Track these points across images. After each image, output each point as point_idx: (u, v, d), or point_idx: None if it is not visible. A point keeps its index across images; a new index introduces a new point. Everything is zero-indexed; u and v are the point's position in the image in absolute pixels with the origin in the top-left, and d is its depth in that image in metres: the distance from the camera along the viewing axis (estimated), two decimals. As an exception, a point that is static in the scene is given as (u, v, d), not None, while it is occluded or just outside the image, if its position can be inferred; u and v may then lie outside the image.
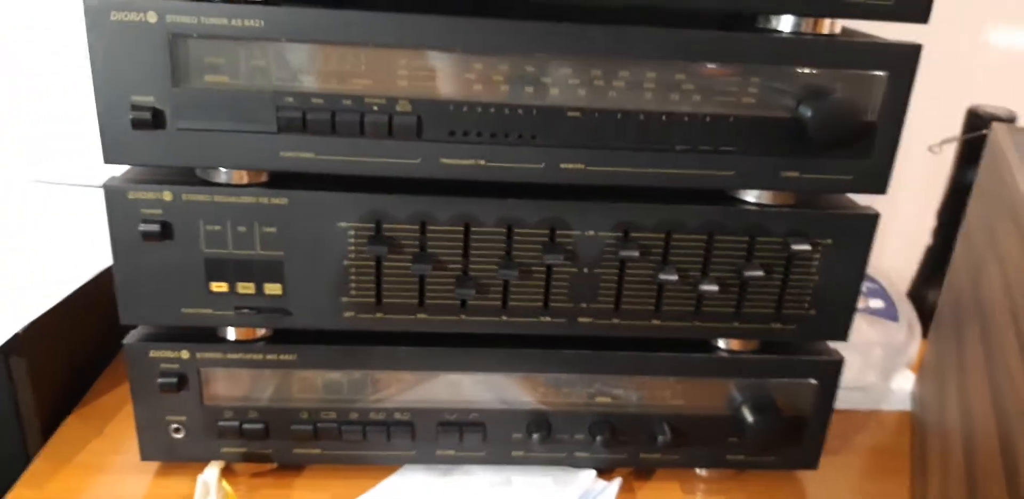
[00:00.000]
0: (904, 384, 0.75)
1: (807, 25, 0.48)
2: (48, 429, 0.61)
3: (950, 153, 0.82)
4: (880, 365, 0.74)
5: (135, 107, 0.45)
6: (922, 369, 0.72)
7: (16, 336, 0.57)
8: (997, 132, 0.60)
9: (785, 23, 0.49)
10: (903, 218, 0.80)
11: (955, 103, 0.81)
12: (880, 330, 0.76)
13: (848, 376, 0.64)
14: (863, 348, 0.74)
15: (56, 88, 0.78)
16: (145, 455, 0.56)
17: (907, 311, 0.79)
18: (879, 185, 0.51)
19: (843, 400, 0.63)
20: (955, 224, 0.80)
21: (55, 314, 0.60)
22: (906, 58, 0.48)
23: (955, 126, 0.81)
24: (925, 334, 0.77)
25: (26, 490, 0.56)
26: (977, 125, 0.78)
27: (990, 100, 0.80)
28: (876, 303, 0.80)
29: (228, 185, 0.49)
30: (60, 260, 0.67)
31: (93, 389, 0.67)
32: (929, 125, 0.72)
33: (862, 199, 0.54)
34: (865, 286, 0.78)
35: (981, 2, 0.86)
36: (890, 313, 0.79)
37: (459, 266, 0.51)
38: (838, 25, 0.49)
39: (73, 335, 0.65)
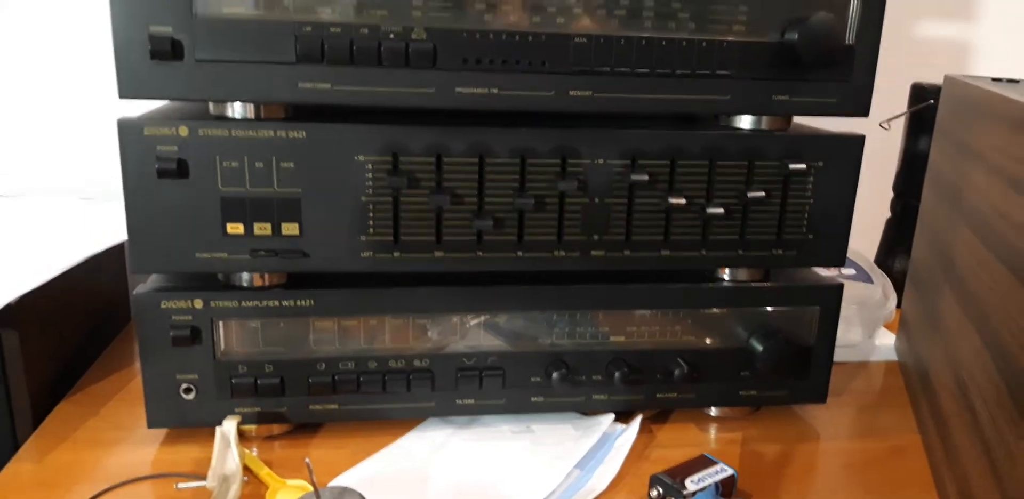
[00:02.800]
0: (886, 340, 0.78)
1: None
2: (39, 414, 0.58)
3: (897, 133, 0.87)
4: (863, 322, 0.77)
5: (153, 37, 0.46)
6: (903, 322, 0.75)
7: (8, 307, 0.55)
8: (952, 78, 0.65)
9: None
10: (860, 197, 0.84)
11: (894, 85, 0.87)
12: (859, 291, 0.79)
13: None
14: (846, 309, 0.76)
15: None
16: (152, 422, 0.54)
17: (879, 275, 0.82)
18: (861, 107, 0.54)
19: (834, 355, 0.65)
20: (912, 192, 0.85)
21: (50, 290, 0.58)
22: (876, -16, 0.52)
23: (896, 107, 0.86)
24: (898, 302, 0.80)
25: (24, 464, 0.52)
26: (923, 98, 0.84)
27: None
28: (848, 271, 0.84)
29: (245, 120, 0.49)
30: (62, 240, 0.65)
31: (85, 377, 0.64)
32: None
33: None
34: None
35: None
36: (864, 277, 0.82)
37: (475, 199, 0.52)
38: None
39: (68, 315, 0.63)
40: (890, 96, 0.87)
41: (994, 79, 0.62)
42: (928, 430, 0.58)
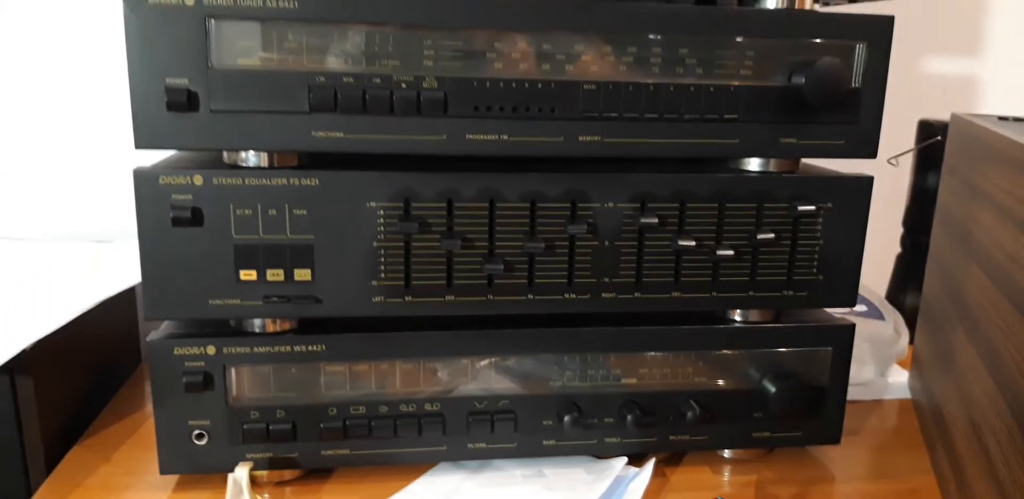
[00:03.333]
0: (899, 377, 0.78)
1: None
2: (51, 459, 0.58)
3: (906, 168, 0.88)
4: (876, 360, 0.77)
5: (170, 89, 0.47)
6: (916, 360, 0.74)
7: (23, 353, 0.55)
8: (959, 117, 0.66)
9: (771, 2, 0.54)
10: (869, 232, 0.84)
11: (901, 122, 0.88)
12: (870, 328, 0.78)
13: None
14: (858, 346, 0.76)
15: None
16: (165, 468, 0.54)
17: (891, 311, 0.82)
18: (869, 149, 0.55)
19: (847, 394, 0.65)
20: (922, 228, 0.85)
21: (62, 333, 0.58)
22: (881, 29, 0.53)
23: (904, 143, 0.87)
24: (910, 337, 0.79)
25: (37, 512, 0.52)
26: (930, 134, 0.84)
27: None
28: (860, 308, 0.83)
29: (259, 168, 0.50)
30: (73, 284, 0.65)
31: (97, 422, 0.64)
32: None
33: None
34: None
35: (916, 33, 0.94)
36: (875, 314, 0.82)
37: (485, 243, 0.53)
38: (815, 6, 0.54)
39: (79, 359, 0.63)
40: (898, 132, 0.87)
41: (1000, 117, 0.62)
42: (943, 471, 0.58)
